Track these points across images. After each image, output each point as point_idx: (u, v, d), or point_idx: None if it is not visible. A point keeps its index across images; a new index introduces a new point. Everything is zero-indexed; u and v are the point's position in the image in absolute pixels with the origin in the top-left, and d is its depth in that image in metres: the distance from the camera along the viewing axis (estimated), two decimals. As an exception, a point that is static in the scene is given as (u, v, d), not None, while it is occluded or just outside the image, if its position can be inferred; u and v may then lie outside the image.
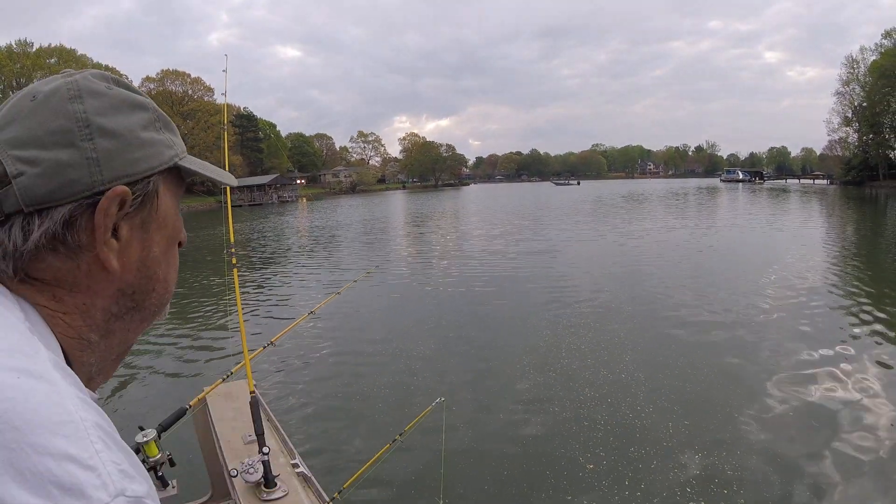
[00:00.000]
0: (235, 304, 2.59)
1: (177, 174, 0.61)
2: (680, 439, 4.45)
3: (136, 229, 0.55)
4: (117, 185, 0.51)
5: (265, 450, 2.22)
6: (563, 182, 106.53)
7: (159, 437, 2.12)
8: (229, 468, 2.30)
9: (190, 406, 2.27)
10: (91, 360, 0.55)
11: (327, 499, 2.32)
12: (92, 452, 0.40)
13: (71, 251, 0.51)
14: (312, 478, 2.37)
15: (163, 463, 2.10)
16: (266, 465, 2.22)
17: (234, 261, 2.61)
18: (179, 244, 0.64)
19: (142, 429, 2.08)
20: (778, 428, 4.62)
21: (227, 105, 4.12)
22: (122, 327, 0.57)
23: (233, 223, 2.68)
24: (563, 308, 8.79)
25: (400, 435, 2.71)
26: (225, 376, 2.54)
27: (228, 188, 3.91)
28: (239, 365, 2.53)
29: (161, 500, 2.16)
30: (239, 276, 2.77)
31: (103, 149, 0.51)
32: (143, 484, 0.42)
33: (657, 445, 4.37)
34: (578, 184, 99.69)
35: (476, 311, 8.97)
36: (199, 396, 2.39)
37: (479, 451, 4.41)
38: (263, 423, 2.34)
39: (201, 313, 9.54)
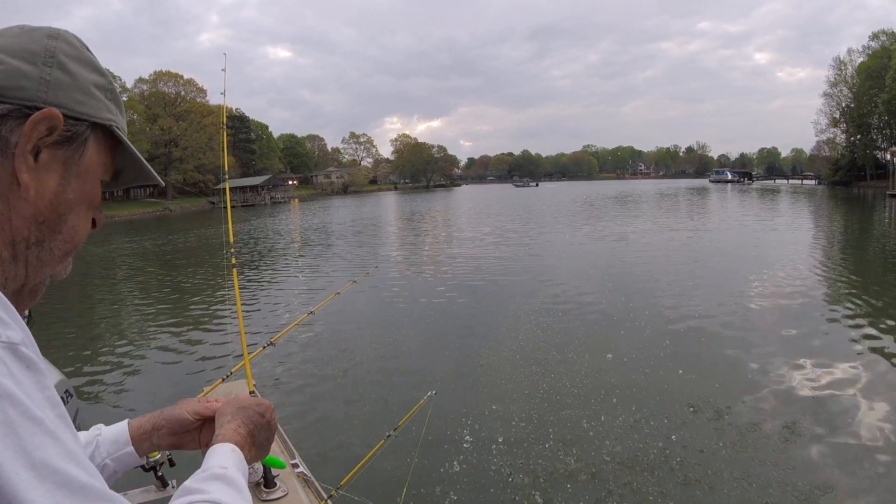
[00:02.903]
0: (235, 304, 2.59)
1: (109, 144, 0.66)
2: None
3: (57, 163, 0.60)
4: (53, 108, 0.58)
5: (265, 450, 2.22)
6: (522, 184, 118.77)
7: (159, 437, 2.11)
8: (229, 468, 2.29)
9: (189, 406, 2.26)
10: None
11: (325, 496, 2.32)
12: None
13: None
14: (312, 477, 2.37)
15: (162, 463, 2.08)
16: (266, 464, 2.21)
17: (233, 261, 2.60)
18: (94, 223, 0.68)
19: (141, 429, 2.07)
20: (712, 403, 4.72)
21: (222, 105, 4.11)
22: (29, 258, 0.59)
23: (231, 223, 2.67)
24: (547, 305, 8.94)
25: (394, 430, 2.72)
26: (225, 376, 2.54)
27: (227, 187, 3.89)
28: (238, 365, 2.53)
29: (161, 499, 2.16)
30: (238, 276, 2.77)
31: (56, 78, 0.60)
32: (18, 332, 0.46)
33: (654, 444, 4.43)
34: (536, 185, 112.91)
35: (468, 309, 9.04)
36: (199, 396, 2.38)
37: (470, 440, 4.58)
38: (263, 423, 2.33)
39: (201, 313, 9.52)
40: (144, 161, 0.71)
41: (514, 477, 4.05)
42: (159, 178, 0.77)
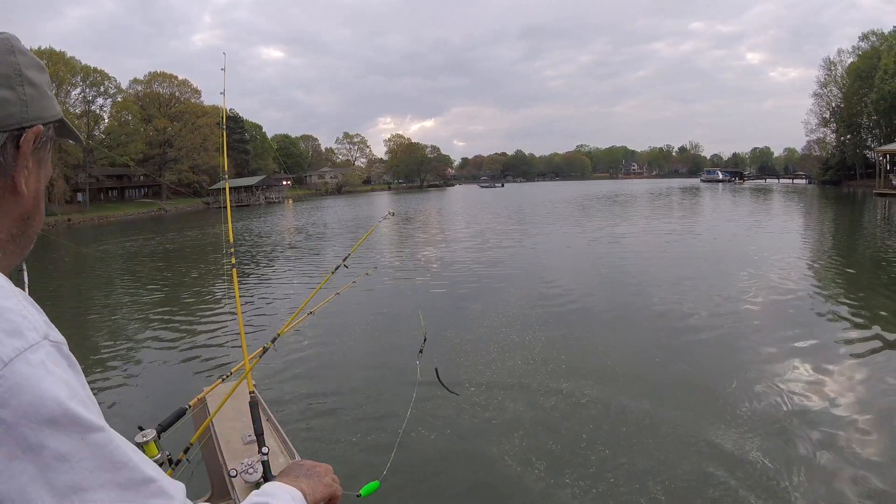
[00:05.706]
0: (234, 304, 2.59)
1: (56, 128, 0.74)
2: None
3: (37, 164, 0.68)
4: (37, 124, 0.66)
5: (265, 450, 2.22)
6: (487, 185, 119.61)
7: (159, 437, 2.11)
8: (229, 468, 2.30)
9: (190, 406, 2.27)
10: None
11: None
12: (22, 307, 0.54)
13: None
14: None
15: (162, 463, 2.09)
16: (265, 465, 2.21)
17: (233, 260, 2.61)
18: None
19: (141, 429, 2.07)
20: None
21: (217, 106, 4.11)
22: (15, 250, 0.68)
23: (231, 223, 2.68)
24: (541, 305, 9.03)
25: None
26: (225, 376, 2.54)
27: (227, 187, 3.88)
28: (238, 365, 2.53)
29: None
30: (238, 276, 2.78)
31: (29, 95, 0.65)
32: (59, 334, 0.56)
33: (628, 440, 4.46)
34: (502, 186, 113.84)
35: (464, 307, 9.08)
36: (199, 396, 2.39)
37: (469, 435, 4.62)
38: (263, 424, 2.33)
39: (200, 313, 9.49)
40: (69, 122, 0.77)
41: (515, 470, 4.06)
42: (80, 137, 0.83)
